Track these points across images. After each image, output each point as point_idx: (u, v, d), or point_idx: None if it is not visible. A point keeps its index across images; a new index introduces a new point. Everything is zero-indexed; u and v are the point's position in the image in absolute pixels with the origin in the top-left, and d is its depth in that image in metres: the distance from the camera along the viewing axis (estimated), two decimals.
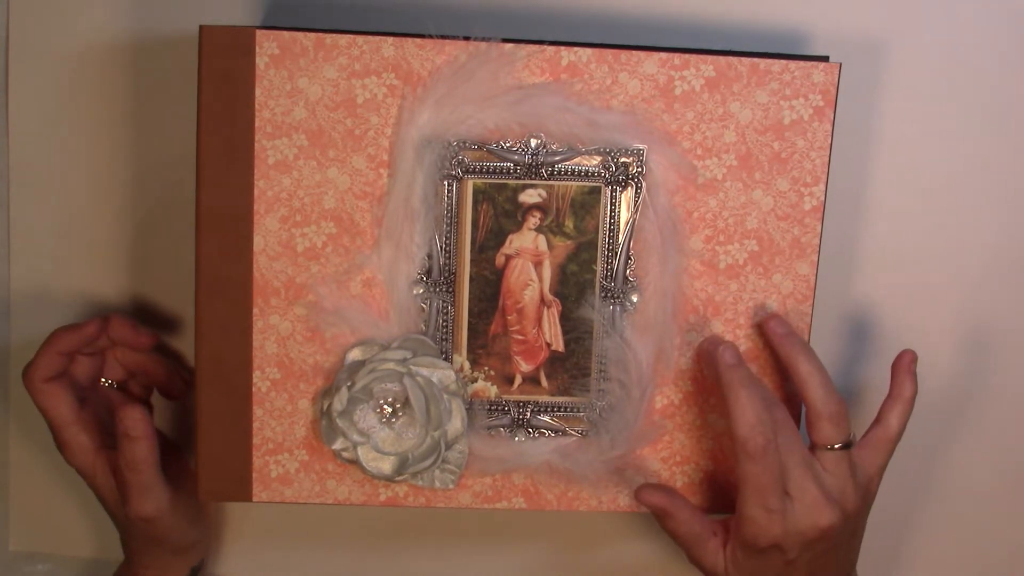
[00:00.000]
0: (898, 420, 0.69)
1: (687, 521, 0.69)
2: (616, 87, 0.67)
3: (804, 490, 0.65)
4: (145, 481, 0.71)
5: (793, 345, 0.68)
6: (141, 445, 0.70)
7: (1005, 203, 0.76)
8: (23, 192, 0.77)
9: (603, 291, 0.70)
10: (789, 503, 0.65)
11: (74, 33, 0.75)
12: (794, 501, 0.65)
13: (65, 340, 0.71)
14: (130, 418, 0.69)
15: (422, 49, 0.67)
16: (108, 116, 0.76)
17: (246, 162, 0.68)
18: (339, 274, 0.69)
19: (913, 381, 0.69)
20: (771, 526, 0.65)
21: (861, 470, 0.68)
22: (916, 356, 0.69)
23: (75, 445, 0.72)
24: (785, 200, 0.69)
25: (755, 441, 0.64)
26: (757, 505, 0.65)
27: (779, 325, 0.69)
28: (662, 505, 0.69)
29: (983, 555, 0.81)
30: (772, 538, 0.66)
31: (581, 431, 0.72)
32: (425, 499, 0.72)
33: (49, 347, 0.71)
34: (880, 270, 0.76)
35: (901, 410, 0.69)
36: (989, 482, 0.80)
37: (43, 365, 0.71)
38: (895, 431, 0.69)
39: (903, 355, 0.69)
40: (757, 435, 0.64)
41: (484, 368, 0.71)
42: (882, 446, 0.69)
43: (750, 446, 0.64)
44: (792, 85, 0.68)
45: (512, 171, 0.68)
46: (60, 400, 0.71)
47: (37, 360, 0.71)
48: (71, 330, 0.72)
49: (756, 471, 0.64)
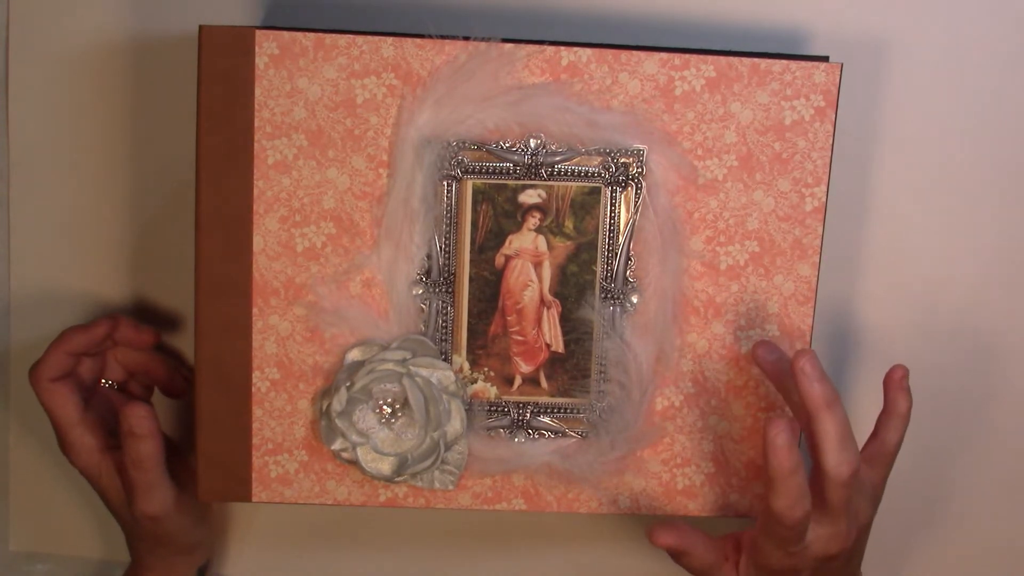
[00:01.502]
0: (895, 435, 0.68)
1: (702, 554, 0.69)
2: (616, 87, 0.67)
3: (837, 526, 0.65)
4: (151, 479, 0.71)
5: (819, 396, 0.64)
6: (147, 443, 0.70)
7: (1006, 203, 0.75)
8: (23, 192, 0.77)
9: (603, 292, 0.70)
10: (815, 533, 0.65)
11: (74, 33, 0.75)
12: (820, 534, 0.66)
13: (75, 340, 0.71)
14: (135, 416, 0.69)
15: (422, 49, 0.66)
16: (108, 116, 0.76)
17: (246, 162, 0.68)
18: (339, 274, 0.69)
19: (906, 396, 0.68)
20: (789, 559, 0.66)
21: (868, 485, 0.68)
22: (907, 371, 0.68)
23: (80, 446, 0.72)
24: (786, 201, 0.69)
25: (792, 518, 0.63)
26: (778, 549, 0.66)
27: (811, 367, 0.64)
28: (677, 545, 0.69)
29: (984, 555, 0.81)
30: (789, 566, 0.67)
31: (581, 432, 0.71)
32: (425, 500, 0.72)
33: (58, 346, 0.71)
34: (882, 271, 0.76)
35: (896, 425, 0.68)
36: (990, 482, 0.80)
37: (51, 364, 0.71)
38: (892, 446, 0.69)
39: (894, 371, 0.69)
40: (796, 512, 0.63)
41: (484, 369, 0.71)
42: (882, 461, 0.69)
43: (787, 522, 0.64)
44: (793, 85, 0.67)
45: (512, 171, 0.68)
46: (66, 400, 0.71)
47: (45, 359, 0.71)
48: (81, 330, 0.72)
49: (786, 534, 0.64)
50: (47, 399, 0.71)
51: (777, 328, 0.70)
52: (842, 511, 0.65)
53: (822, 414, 0.63)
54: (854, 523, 0.66)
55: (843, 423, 0.64)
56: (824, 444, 0.63)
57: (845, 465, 0.63)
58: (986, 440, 0.79)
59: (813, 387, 0.63)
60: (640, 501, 0.72)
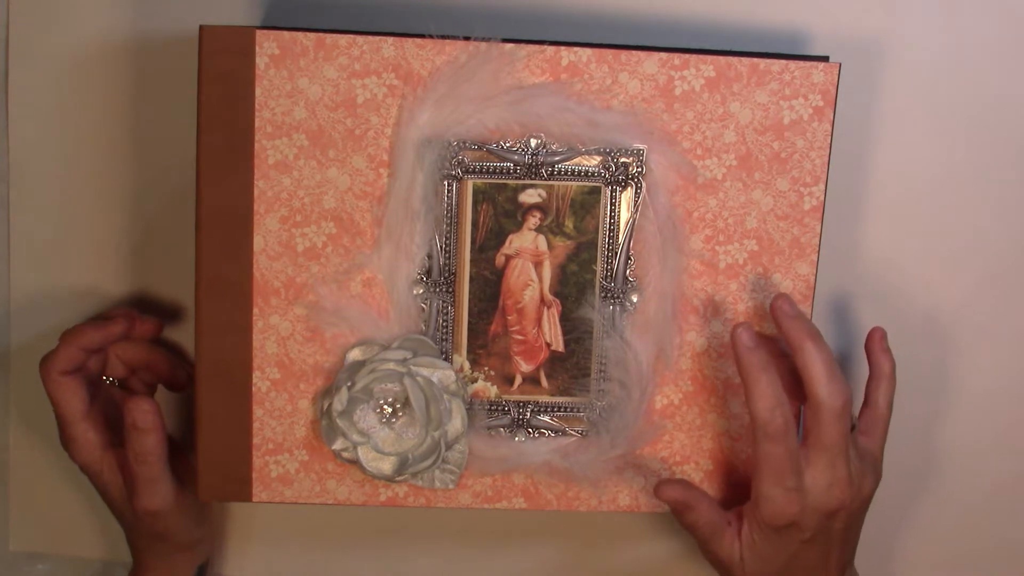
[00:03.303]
0: (884, 398, 0.70)
1: (706, 512, 0.69)
2: (616, 87, 0.67)
3: (836, 469, 0.66)
4: (153, 474, 0.71)
5: (800, 329, 0.66)
6: (150, 437, 0.70)
7: (1005, 203, 0.76)
8: (23, 192, 0.77)
9: (603, 291, 0.70)
10: (812, 479, 0.66)
11: (74, 33, 0.75)
12: (818, 479, 0.66)
13: (90, 336, 0.71)
14: (139, 410, 0.69)
15: (422, 49, 0.67)
16: (108, 116, 0.76)
17: (246, 162, 0.68)
18: (339, 274, 0.69)
19: (889, 357, 0.70)
20: (789, 504, 0.66)
21: (868, 453, 0.69)
22: (885, 332, 0.71)
23: (83, 441, 0.72)
24: (785, 200, 0.69)
25: (775, 423, 0.64)
26: (776, 485, 0.66)
27: (787, 304, 0.67)
28: (682, 499, 0.69)
29: (982, 553, 0.81)
30: (790, 516, 0.66)
31: (581, 431, 0.72)
32: (425, 499, 0.72)
33: (72, 341, 0.71)
34: (880, 270, 0.76)
35: (886, 387, 0.70)
36: (989, 480, 0.80)
37: (63, 358, 0.70)
38: (884, 409, 0.70)
39: (872, 333, 0.71)
40: (777, 416, 0.64)
41: (484, 368, 0.71)
42: (877, 426, 0.70)
43: (770, 428, 0.65)
44: (792, 85, 0.68)
45: (512, 171, 0.68)
46: (74, 395, 0.71)
47: (58, 352, 0.71)
48: (97, 327, 0.71)
49: (776, 452, 0.65)
50: (55, 392, 0.71)
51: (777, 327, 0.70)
52: (840, 451, 0.65)
53: (807, 345, 0.65)
54: (857, 477, 0.67)
55: (828, 355, 0.65)
56: (813, 374, 0.65)
57: (837, 395, 0.64)
58: (985, 439, 0.79)
59: (793, 322, 0.66)
60: (640, 499, 0.72)
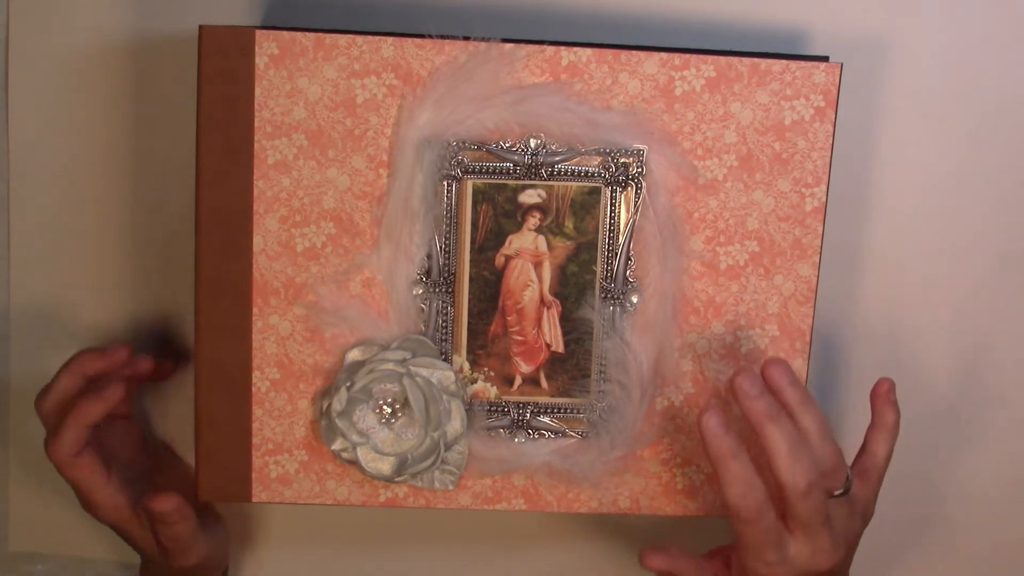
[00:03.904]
0: (884, 448, 0.69)
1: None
2: (616, 87, 0.67)
3: (816, 539, 0.65)
4: (186, 545, 0.71)
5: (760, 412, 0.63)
6: (179, 526, 0.69)
7: (1006, 203, 0.75)
8: (23, 192, 0.77)
9: (603, 292, 0.70)
10: (796, 550, 0.65)
11: (74, 33, 0.75)
12: (802, 550, 0.65)
13: (92, 410, 0.68)
14: (163, 510, 0.68)
15: (422, 49, 0.66)
16: (108, 116, 0.76)
17: (246, 162, 0.68)
18: (339, 274, 0.69)
19: (894, 408, 0.69)
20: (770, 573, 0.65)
21: (859, 501, 0.68)
22: (893, 384, 0.69)
23: (110, 506, 0.70)
24: (786, 201, 0.69)
25: (747, 508, 0.63)
26: (756, 560, 0.65)
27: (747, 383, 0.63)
28: (666, 569, 0.69)
29: (981, 558, 0.81)
30: None
31: (581, 432, 0.72)
32: (425, 500, 0.72)
33: (74, 420, 0.67)
34: (882, 271, 0.76)
35: (885, 438, 0.69)
36: (988, 484, 0.80)
37: (71, 441, 0.68)
38: (882, 460, 0.69)
39: (880, 384, 0.69)
40: (749, 501, 0.63)
41: (484, 369, 0.71)
42: (873, 475, 0.69)
43: (743, 513, 0.63)
44: (793, 85, 0.67)
45: (512, 171, 0.68)
46: (92, 470, 0.69)
47: (63, 436, 0.67)
48: (96, 400, 0.68)
49: (752, 532, 0.64)
50: (73, 474, 0.69)
51: (777, 328, 0.70)
52: (817, 524, 0.64)
53: (767, 426, 0.63)
54: (841, 537, 0.66)
55: (790, 434, 0.63)
56: (773, 455, 0.63)
57: (800, 475, 0.62)
58: (984, 441, 0.79)
59: (752, 404, 0.63)
60: (640, 501, 0.72)
